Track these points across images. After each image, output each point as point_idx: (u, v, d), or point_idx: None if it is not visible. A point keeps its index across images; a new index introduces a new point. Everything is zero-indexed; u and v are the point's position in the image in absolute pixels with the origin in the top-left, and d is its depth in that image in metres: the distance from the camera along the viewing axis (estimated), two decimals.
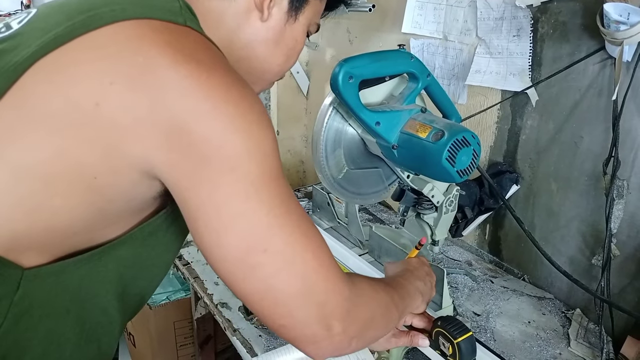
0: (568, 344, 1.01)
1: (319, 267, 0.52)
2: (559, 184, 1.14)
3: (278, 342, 0.97)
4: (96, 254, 0.53)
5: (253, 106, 0.49)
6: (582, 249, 1.11)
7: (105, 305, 0.58)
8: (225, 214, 0.48)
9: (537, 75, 1.14)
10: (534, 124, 1.17)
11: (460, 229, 1.27)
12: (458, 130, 0.89)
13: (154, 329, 1.70)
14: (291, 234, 0.50)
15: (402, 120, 0.96)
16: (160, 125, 0.46)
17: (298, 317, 0.52)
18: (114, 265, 0.56)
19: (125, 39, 0.47)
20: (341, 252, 1.16)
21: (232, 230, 0.48)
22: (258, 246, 0.49)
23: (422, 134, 0.91)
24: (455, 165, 0.89)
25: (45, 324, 0.53)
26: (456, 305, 1.08)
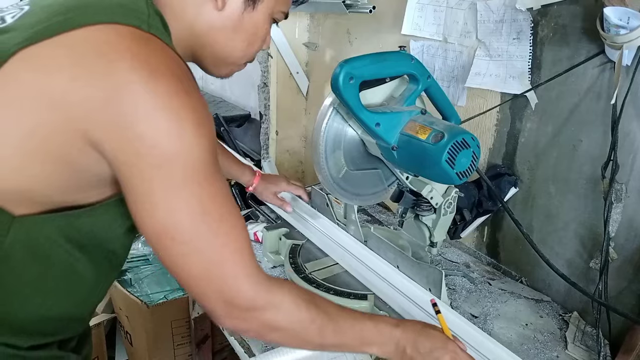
0: (565, 346, 1.01)
1: (228, 267, 0.61)
2: (558, 187, 1.14)
3: None
4: (74, 215, 0.62)
5: (191, 115, 0.57)
6: (580, 252, 1.11)
7: (80, 258, 0.67)
8: (148, 202, 0.57)
9: (537, 78, 1.14)
10: (533, 126, 1.17)
11: (458, 231, 1.28)
12: (458, 132, 0.89)
13: (151, 328, 1.70)
14: (206, 231, 0.59)
15: (402, 121, 0.96)
16: (110, 119, 0.54)
17: (203, 298, 0.63)
18: (90, 227, 0.65)
19: (92, 41, 0.55)
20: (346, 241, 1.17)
21: (152, 216, 0.58)
22: (170, 234, 0.58)
23: (422, 136, 0.92)
24: (455, 167, 0.89)
25: (29, 269, 0.63)
26: (454, 307, 1.08)
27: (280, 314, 0.67)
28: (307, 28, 2.00)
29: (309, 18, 1.98)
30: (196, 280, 0.61)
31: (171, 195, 0.57)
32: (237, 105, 2.62)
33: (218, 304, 0.63)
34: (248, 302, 0.63)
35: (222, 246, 0.61)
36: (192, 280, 0.62)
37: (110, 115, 0.54)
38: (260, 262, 1.26)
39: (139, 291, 1.78)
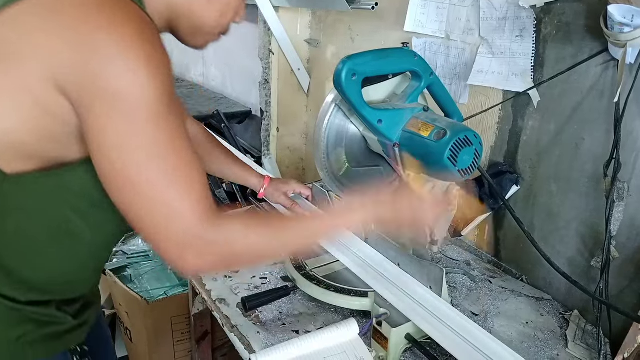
0: (566, 345, 1.01)
1: (176, 207, 0.63)
2: (559, 185, 1.14)
3: (276, 338, 0.97)
4: (62, 172, 0.66)
5: (147, 58, 0.59)
6: (581, 250, 1.11)
7: (73, 219, 0.71)
8: (103, 143, 0.60)
9: (540, 76, 1.14)
10: (535, 124, 1.17)
11: (459, 229, 1.27)
12: (460, 130, 0.88)
13: (151, 324, 1.70)
14: (155, 170, 0.61)
15: (405, 118, 0.96)
16: (74, 65, 0.58)
17: (156, 240, 0.64)
18: (79, 186, 0.68)
19: (69, 2, 0.60)
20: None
21: (108, 157, 0.61)
22: (123, 173, 0.61)
23: (425, 133, 0.91)
24: (457, 165, 0.89)
25: (25, 227, 0.69)
26: (455, 305, 1.08)
27: (235, 243, 0.69)
28: (308, 25, 2.00)
29: (310, 14, 1.98)
30: (147, 222, 0.63)
31: (124, 134, 0.60)
32: (238, 102, 2.62)
33: (170, 246, 0.64)
34: (199, 239, 0.65)
35: (171, 186, 0.62)
36: (144, 223, 0.63)
37: (75, 61, 0.58)
38: None
39: (139, 287, 1.78)
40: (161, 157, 0.62)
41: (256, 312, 1.04)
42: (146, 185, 0.61)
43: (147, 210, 0.63)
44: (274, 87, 2.07)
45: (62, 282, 0.78)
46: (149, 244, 0.67)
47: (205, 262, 0.67)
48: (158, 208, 0.63)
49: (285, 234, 0.75)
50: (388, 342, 0.91)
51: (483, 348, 0.87)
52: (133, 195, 0.62)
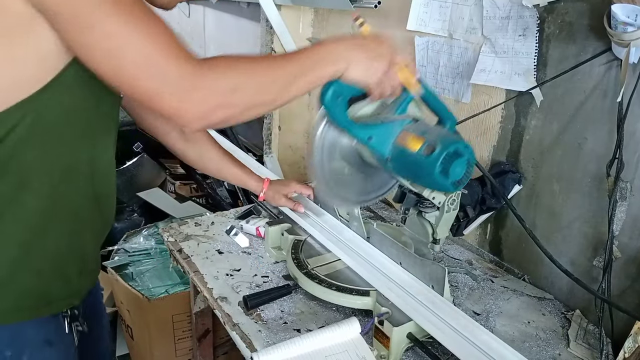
0: (567, 344, 1.01)
1: (155, 51, 0.63)
2: (562, 185, 1.14)
3: (278, 337, 0.97)
4: (39, 97, 0.67)
5: None
6: (584, 250, 1.11)
7: (69, 138, 0.74)
8: (77, 21, 0.60)
9: (542, 75, 1.13)
10: (538, 124, 1.17)
11: (461, 228, 1.27)
12: (449, 143, 0.88)
13: (153, 322, 1.70)
14: (127, 21, 0.61)
15: (394, 132, 0.95)
16: None
17: (152, 91, 0.64)
18: (69, 101, 0.70)
19: None
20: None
21: (81, 32, 0.61)
22: (102, 42, 0.61)
23: (415, 147, 0.91)
24: (450, 177, 0.89)
25: (13, 157, 0.70)
26: (456, 304, 1.08)
27: (228, 74, 0.68)
28: (311, 23, 1.99)
29: (313, 13, 1.97)
30: (141, 71, 0.63)
31: (95, 7, 0.60)
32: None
33: (167, 100, 0.64)
34: (191, 76, 0.64)
35: (150, 31, 0.63)
36: (141, 74, 0.63)
37: None
38: (263, 257, 1.25)
39: (141, 285, 1.78)
40: (138, 18, 0.63)
41: (257, 311, 1.04)
42: (130, 40, 0.62)
43: (134, 71, 0.63)
44: None
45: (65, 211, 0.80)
46: (148, 108, 0.67)
47: (203, 102, 0.66)
48: (147, 60, 0.63)
49: (271, 61, 0.74)
50: (390, 341, 0.91)
51: (485, 347, 0.87)
52: (118, 51, 0.62)
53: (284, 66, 0.74)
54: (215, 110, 0.68)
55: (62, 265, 0.83)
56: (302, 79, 0.76)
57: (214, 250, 1.28)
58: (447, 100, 1.39)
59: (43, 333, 0.82)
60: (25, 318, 0.80)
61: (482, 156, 1.32)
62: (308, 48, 0.79)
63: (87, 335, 0.94)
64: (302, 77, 0.76)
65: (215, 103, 0.67)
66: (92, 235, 0.89)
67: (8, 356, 0.78)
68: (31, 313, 0.81)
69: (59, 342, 0.85)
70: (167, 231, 1.38)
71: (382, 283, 1.02)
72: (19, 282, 0.78)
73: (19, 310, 0.79)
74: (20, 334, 0.80)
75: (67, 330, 0.87)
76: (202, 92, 0.66)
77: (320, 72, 0.78)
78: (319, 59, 0.78)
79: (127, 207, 2.39)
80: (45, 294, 0.82)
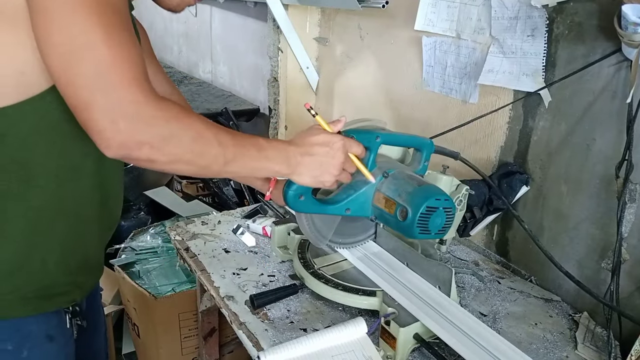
0: (575, 347, 1.00)
1: (116, 66, 0.61)
2: (570, 186, 1.13)
3: (284, 336, 0.97)
4: (43, 94, 0.69)
5: None
6: (591, 252, 1.10)
7: (74, 137, 0.73)
8: (45, 18, 0.61)
9: (551, 76, 1.13)
10: (546, 125, 1.16)
11: (468, 229, 1.27)
12: (420, 202, 0.88)
13: (159, 320, 1.71)
14: (100, 36, 0.61)
15: (369, 195, 0.96)
16: None
17: (86, 101, 0.61)
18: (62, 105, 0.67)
19: None
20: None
21: (48, 30, 0.61)
22: (63, 44, 0.61)
23: (390, 211, 0.93)
24: (431, 231, 0.91)
25: (20, 153, 0.71)
26: (463, 305, 1.08)
27: (173, 122, 0.66)
28: (317, 23, 1.99)
29: (320, 13, 1.97)
30: (85, 80, 0.61)
31: (66, 9, 0.60)
32: (247, 100, 2.62)
33: (104, 110, 0.61)
34: (140, 107, 0.63)
35: (113, 52, 0.61)
36: (82, 82, 0.61)
37: None
38: (269, 256, 1.26)
39: (147, 283, 1.79)
40: (108, 27, 0.62)
41: (264, 310, 1.05)
42: (91, 47, 0.61)
43: (89, 72, 0.61)
44: (282, 85, 2.07)
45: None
46: (77, 115, 0.63)
47: (136, 133, 0.63)
48: (102, 72, 0.61)
49: (221, 132, 0.72)
50: (396, 341, 0.91)
51: (492, 349, 0.87)
52: (74, 56, 0.61)
53: (231, 143, 0.72)
54: (141, 146, 0.64)
55: (66, 262, 0.84)
56: (242, 163, 0.75)
57: (220, 249, 1.28)
58: (455, 101, 1.38)
59: (45, 328, 0.83)
60: (28, 313, 0.81)
61: (489, 157, 1.31)
62: (261, 138, 0.79)
63: (85, 330, 0.95)
64: (243, 161, 0.75)
65: (144, 140, 0.64)
66: (97, 233, 0.90)
67: (9, 350, 0.79)
68: (35, 307, 0.81)
69: (59, 337, 0.86)
70: (174, 230, 1.38)
71: (389, 283, 1.02)
72: (23, 277, 0.79)
73: (23, 304, 0.80)
74: (22, 328, 0.81)
75: (67, 325, 0.88)
76: (137, 124, 0.63)
77: (262, 165, 0.78)
78: (266, 154, 0.78)
79: (134, 206, 2.39)
80: (49, 289, 0.83)
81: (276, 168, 0.80)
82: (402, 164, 1.05)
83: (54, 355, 0.86)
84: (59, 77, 0.63)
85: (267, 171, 0.80)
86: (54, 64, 0.62)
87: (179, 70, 3.40)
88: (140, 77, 0.64)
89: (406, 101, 1.57)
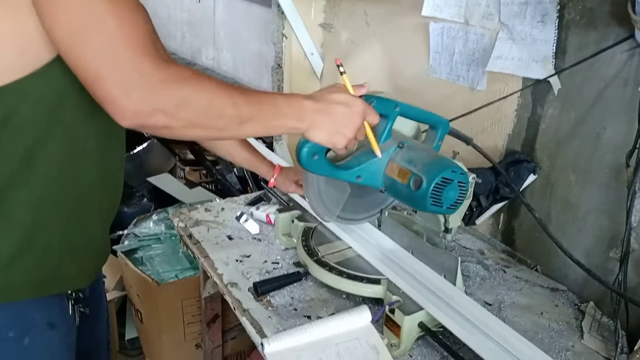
0: (581, 336, 0.99)
1: (123, 35, 0.61)
2: (578, 175, 1.12)
3: (288, 323, 0.96)
4: (47, 66, 0.68)
5: None
6: (599, 242, 1.09)
7: (74, 119, 0.74)
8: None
9: (561, 63, 1.11)
10: (555, 113, 1.14)
11: (473, 217, 1.26)
12: (436, 172, 0.86)
13: (162, 306, 1.71)
14: (99, 3, 0.60)
15: (382, 164, 0.94)
16: None
17: (96, 73, 0.61)
18: (73, 79, 0.65)
19: None
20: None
21: (56, 12, 0.61)
22: (67, 11, 0.60)
23: (403, 181, 0.90)
24: (443, 204, 0.89)
25: (23, 136, 0.71)
26: (467, 294, 1.07)
27: (185, 85, 0.65)
28: (322, 9, 1.97)
29: None
30: (95, 52, 0.60)
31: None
32: (250, 87, 2.60)
33: (115, 80, 0.61)
34: (148, 74, 0.62)
35: (119, 22, 0.61)
36: (93, 54, 0.61)
37: None
38: (273, 244, 1.25)
39: (150, 270, 1.79)
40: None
41: (268, 297, 1.04)
42: (99, 19, 0.60)
43: (98, 43, 0.61)
44: (286, 71, 2.05)
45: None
46: (93, 87, 0.62)
47: (149, 100, 0.62)
48: (111, 43, 0.61)
49: (235, 92, 0.70)
50: (401, 329, 0.91)
51: (498, 338, 0.86)
52: (82, 28, 0.60)
53: (245, 102, 0.71)
54: (154, 113, 0.63)
55: (70, 245, 0.83)
56: (258, 122, 0.73)
57: (224, 236, 1.27)
58: (462, 88, 1.36)
59: (47, 315, 0.83)
60: (31, 296, 0.80)
61: (496, 145, 1.30)
62: (277, 95, 0.77)
63: (87, 317, 0.94)
64: (259, 120, 0.73)
65: (158, 106, 0.63)
66: (99, 215, 0.89)
67: (10, 337, 0.79)
68: (38, 291, 0.81)
69: (61, 324, 0.86)
70: (177, 216, 1.38)
71: (394, 272, 1.01)
72: (26, 261, 0.78)
73: (26, 288, 0.79)
74: (24, 315, 0.80)
75: (70, 312, 0.88)
76: (148, 91, 0.62)
77: (279, 123, 0.76)
78: (283, 111, 0.76)
79: (137, 192, 2.39)
80: (52, 272, 0.82)
81: (292, 124, 0.77)
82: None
83: (55, 342, 0.85)
84: (69, 53, 0.62)
85: (284, 128, 0.78)
86: (62, 42, 0.62)
87: (182, 57, 3.37)
88: (149, 44, 0.63)
89: (412, 88, 1.55)
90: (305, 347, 0.89)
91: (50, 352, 0.85)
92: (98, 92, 0.62)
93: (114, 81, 0.61)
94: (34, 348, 0.82)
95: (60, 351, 0.87)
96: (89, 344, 1.00)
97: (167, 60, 0.65)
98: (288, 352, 0.88)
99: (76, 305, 0.89)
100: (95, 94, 0.63)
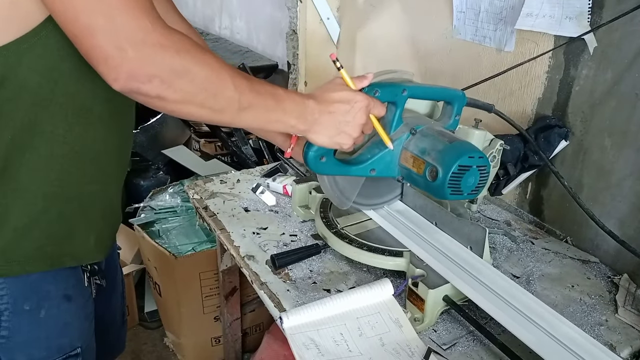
0: (615, 310, 0.94)
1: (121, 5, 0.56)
2: (614, 140, 1.04)
3: (307, 297, 0.93)
4: (36, 30, 0.63)
5: None
6: (635, 210, 1.03)
7: (80, 75, 0.69)
8: None
9: (598, 18, 1.02)
10: (590, 73, 1.07)
11: (500, 187, 1.20)
12: (452, 161, 0.82)
13: (180, 279, 1.70)
14: None
15: (396, 153, 0.90)
16: None
17: (87, 25, 0.56)
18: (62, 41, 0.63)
19: None
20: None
21: None
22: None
23: (418, 171, 0.87)
24: (463, 192, 0.85)
25: (22, 98, 0.67)
26: (494, 267, 1.02)
27: (186, 55, 0.60)
28: None
29: None
30: (83, 10, 0.56)
31: None
32: (264, 56, 2.53)
33: (109, 37, 0.56)
34: (146, 34, 0.57)
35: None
36: (80, 13, 0.56)
37: None
38: (290, 216, 1.21)
39: (167, 242, 1.78)
40: None
41: (286, 270, 1.01)
42: None
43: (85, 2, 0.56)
44: (301, 38, 1.98)
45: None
46: (78, 45, 0.58)
47: (146, 62, 0.57)
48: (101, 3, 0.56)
49: (238, 75, 0.66)
50: (425, 303, 0.87)
51: (527, 311, 0.82)
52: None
53: (247, 87, 0.66)
54: (151, 79, 0.58)
55: (84, 211, 0.81)
56: (258, 112, 0.69)
57: (240, 208, 1.24)
58: (488, 49, 1.28)
59: (63, 288, 0.81)
60: (46, 268, 0.78)
61: (524, 110, 1.23)
62: (280, 88, 0.73)
63: (104, 289, 0.93)
64: (259, 110, 0.69)
65: (154, 71, 0.58)
66: (113, 178, 0.86)
67: (26, 310, 0.77)
68: (53, 262, 0.79)
69: (78, 297, 0.84)
70: (192, 188, 1.34)
71: (417, 244, 0.97)
72: (40, 230, 0.76)
73: (41, 259, 0.77)
74: (40, 288, 0.78)
75: (85, 284, 0.86)
76: (146, 52, 0.57)
77: (278, 118, 0.72)
78: (284, 106, 0.72)
79: (153, 165, 2.37)
80: (68, 241, 0.80)
81: (292, 122, 0.74)
82: (430, 119, 0.98)
83: (72, 314, 0.84)
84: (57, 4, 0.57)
85: (282, 125, 0.74)
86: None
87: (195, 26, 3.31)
88: (147, 3, 0.59)
89: (435, 51, 1.47)
90: (325, 322, 0.86)
91: (67, 324, 0.83)
92: (90, 48, 0.57)
93: (107, 35, 0.56)
94: (50, 320, 0.80)
95: (78, 323, 0.85)
96: (104, 315, 0.99)
97: (167, 25, 0.60)
98: (307, 327, 0.85)
99: (92, 277, 0.88)
100: (86, 51, 0.58)
